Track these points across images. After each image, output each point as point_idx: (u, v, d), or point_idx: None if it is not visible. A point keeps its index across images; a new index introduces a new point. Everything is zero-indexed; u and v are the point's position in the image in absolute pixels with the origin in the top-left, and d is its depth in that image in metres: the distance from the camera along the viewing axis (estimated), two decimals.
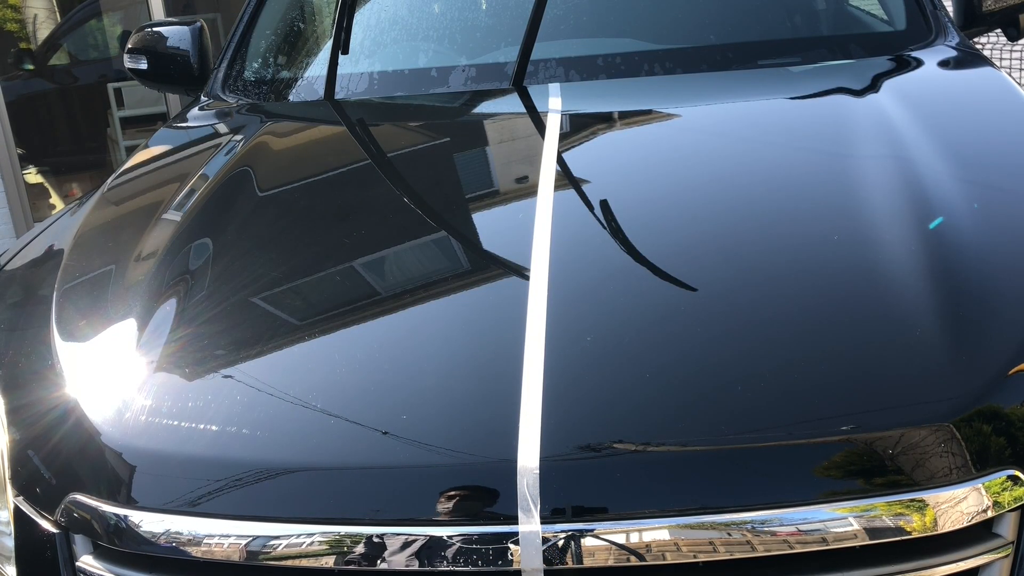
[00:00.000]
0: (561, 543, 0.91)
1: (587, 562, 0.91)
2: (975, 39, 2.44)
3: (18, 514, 1.11)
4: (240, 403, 1.07)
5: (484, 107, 1.95)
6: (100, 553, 1.05)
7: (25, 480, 1.12)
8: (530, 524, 0.91)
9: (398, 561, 0.94)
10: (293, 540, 0.96)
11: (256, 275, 1.37)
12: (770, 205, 1.39)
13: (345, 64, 1.98)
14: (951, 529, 0.93)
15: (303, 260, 1.40)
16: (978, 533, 0.96)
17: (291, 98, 2.13)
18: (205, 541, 0.98)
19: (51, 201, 5.70)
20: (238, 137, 1.85)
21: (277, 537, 0.96)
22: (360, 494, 0.97)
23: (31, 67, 6.13)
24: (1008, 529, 0.96)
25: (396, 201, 1.54)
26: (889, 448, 0.95)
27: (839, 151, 1.50)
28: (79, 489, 1.06)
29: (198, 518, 0.99)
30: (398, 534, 0.94)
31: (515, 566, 0.92)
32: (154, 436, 1.06)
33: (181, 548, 0.98)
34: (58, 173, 6.00)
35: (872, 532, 0.92)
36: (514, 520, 0.92)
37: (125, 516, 1.01)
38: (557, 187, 1.38)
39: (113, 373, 1.19)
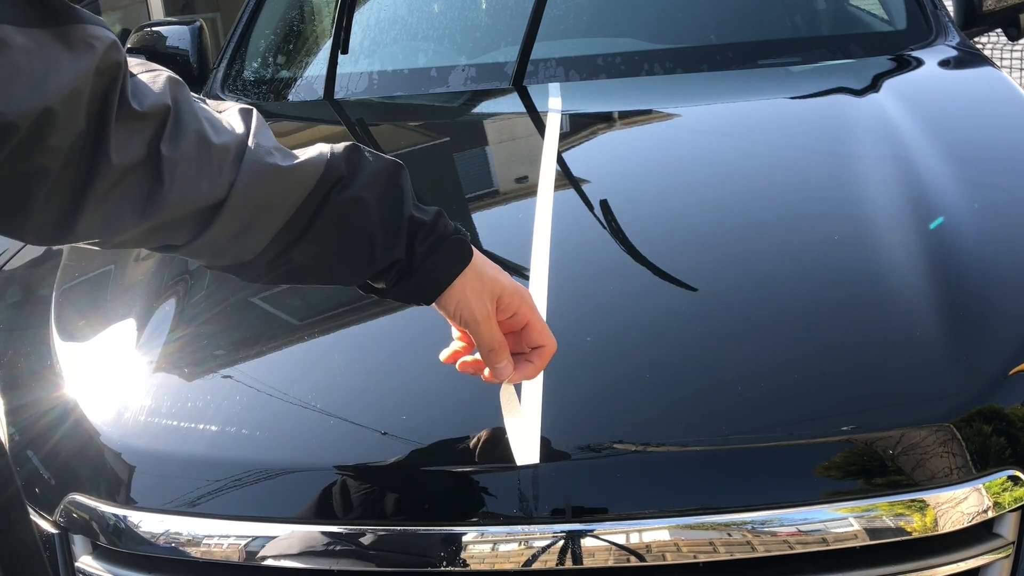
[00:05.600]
0: (561, 543, 0.91)
1: (587, 562, 0.91)
2: (975, 39, 2.44)
3: None
4: (240, 403, 1.07)
5: (484, 107, 1.95)
6: (99, 553, 1.05)
7: (24, 480, 1.12)
8: (530, 524, 0.91)
9: (396, 561, 0.94)
10: (293, 540, 0.96)
11: None
12: (770, 205, 1.39)
13: (345, 64, 1.98)
14: (951, 529, 0.93)
15: None
16: (978, 533, 0.96)
17: (291, 98, 2.13)
18: (205, 541, 0.98)
19: None
20: None
21: (277, 537, 0.96)
22: (359, 494, 0.97)
23: None
24: (1008, 529, 0.96)
25: None
26: (889, 448, 0.95)
27: (839, 151, 1.50)
28: (78, 489, 1.06)
29: (198, 518, 0.98)
30: (397, 534, 0.94)
31: (514, 566, 0.92)
32: (154, 436, 1.06)
33: (181, 548, 0.98)
34: None
35: (872, 532, 0.92)
36: (514, 520, 0.92)
37: (124, 516, 1.01)
38: (557, 187, 1.38)
39: (113, 373, 1.18)
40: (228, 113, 0.80)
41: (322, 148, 0.82)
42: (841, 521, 0.92)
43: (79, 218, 0.67)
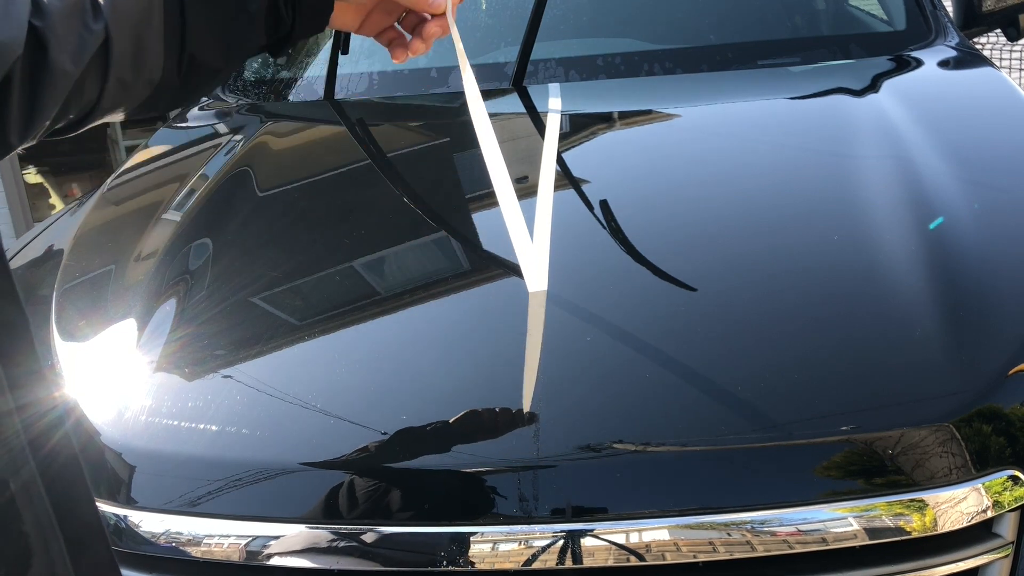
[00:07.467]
0: (561, 543, 0.91)
1: (587, 562, 0.91)
2: (975, 39, 2.44)
3: None
4: (240, 403, 1.07)
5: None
6: None
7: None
8: (530, 524, 0.91)
9: (396, 560, 0.94)
10: (293, 540, 0.96)
11: (256, 275, 1.37)
12: (770, 205, 1.39)
13: (345, 64, 1.98)
14: (951, 529, 0.93)
15: (303, 260, 1.40)
16: (978, 533, 0.96)
17: (291, 98, 2.13)
18: (205, 541, 0.98)
19: (51, 201, 5.70)
20: (238, 137, 1.85)
21: (277, 537, 0.96)
22: (359, 494, 0.97)
23: None
24: (1008, 529, 0.96)
25: (396, 201, 1.54)
26: (889, 448, 0.95)
27: (839, 151, 1.50)
28: None
29: (198, 518, 0.99)
30: (396, 534, 0.94)
31: (515, 566, 0.92)
32: (154, 436, 1.06)
33: (181, 548, 0.99)
34: (58, 173, 5.99)
35: (872, 532, 0.92)
36: (514, 520, 0.92)
37: (125, 516, 1.01)
38: (557, 187, 1.38)
39: (113, 373, 1.19)
40: None
41: None
42: (840, 521, 0.92)
43: (9, 116, 0.71)
